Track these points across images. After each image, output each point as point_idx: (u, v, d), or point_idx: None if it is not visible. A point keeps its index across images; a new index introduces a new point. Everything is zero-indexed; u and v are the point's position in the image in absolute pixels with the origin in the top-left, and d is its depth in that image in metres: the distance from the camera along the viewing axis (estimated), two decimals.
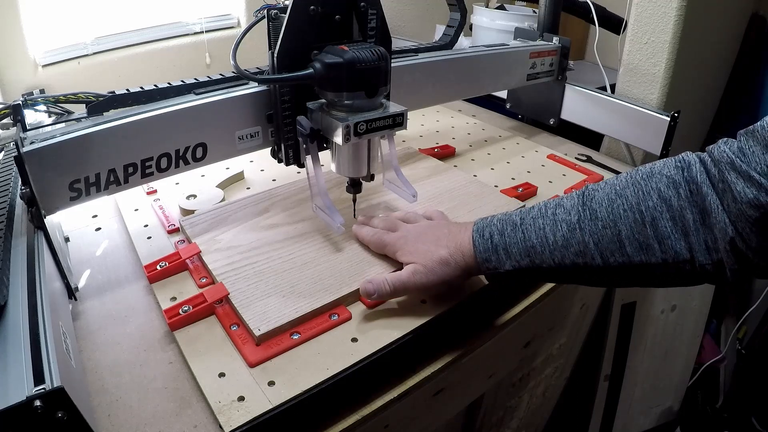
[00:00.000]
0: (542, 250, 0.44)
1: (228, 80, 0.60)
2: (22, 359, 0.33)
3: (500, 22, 1.24)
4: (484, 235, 0.47)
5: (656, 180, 0.41)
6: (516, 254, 0.45)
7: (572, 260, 0.43)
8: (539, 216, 0.45)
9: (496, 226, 0.47)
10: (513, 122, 1.09)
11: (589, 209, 0.42)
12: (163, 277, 0.55)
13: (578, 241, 0.42)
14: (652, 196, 0.40)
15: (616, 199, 0.42)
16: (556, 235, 0.43)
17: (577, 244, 0.42)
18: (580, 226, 0.42)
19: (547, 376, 0.91)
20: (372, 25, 0.58)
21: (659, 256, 0.40)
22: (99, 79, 1.07)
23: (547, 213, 0.45)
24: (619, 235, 0.41)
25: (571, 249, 0.43)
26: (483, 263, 0.47)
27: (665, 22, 0.90)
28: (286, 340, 0.47)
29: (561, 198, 0.46)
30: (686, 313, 1.16)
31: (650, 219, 0.40)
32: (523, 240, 0.45)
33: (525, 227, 0.45)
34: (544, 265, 0.44)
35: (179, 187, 0.74)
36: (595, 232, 0.42)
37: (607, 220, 0.41)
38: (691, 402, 1.35)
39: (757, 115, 1.31)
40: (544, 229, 0.44)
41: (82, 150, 0.50)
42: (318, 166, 0.57)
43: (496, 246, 0.46)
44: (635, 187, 0.41)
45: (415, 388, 0.49)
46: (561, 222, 0.43)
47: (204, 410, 0.42)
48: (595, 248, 0.41)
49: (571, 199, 0.45)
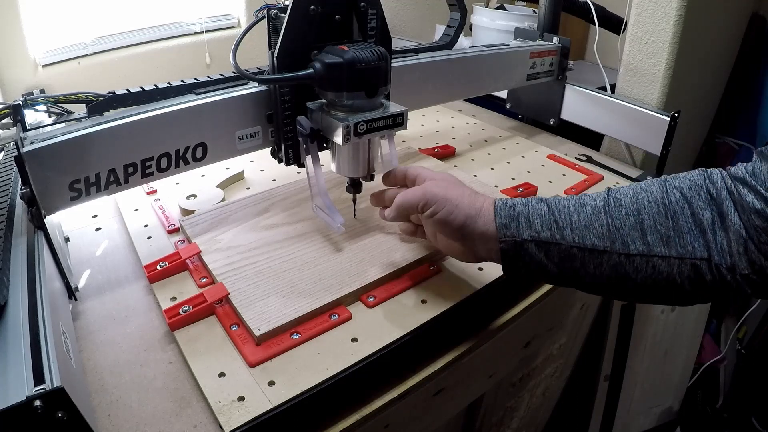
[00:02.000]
0: (564, 226, 0.44)
1: (228, 80, 0.60)
2: (22, 359, 0.33)
3: (500, 22, 1.24)
4: (507, 203, 0.47)
5: (680, 181, 0.43)
6: (537, 225, 0.45)
7: (593, 242, 0.43)
8: (564, 198, 0.47)
9: (519, 200, 0.48)
10: (513, 122, 1.09)
11: (614, 198, 0.44)
12: (163, 277, 0.55)
13: (601, 223, 0.43)
14: (674, 192, 0.42)
15: (640, 192, 0.44)
16: (580, 215, 0.44)
17: (600, 226, 0.43)
18: (605, 209, 0.44)
19: (547, 376, 0.91)
20: (372, 25, 0.58)
21: (678, 251, 0.41)
22: (99, 79, 1.07)
23: (573, 198, 0.46)
24: (642, 223, 0.42)
25: (594, 230, 0.43)
26: (501, 229, 0.46)
27: (665, 22, 0.90)
28: (286, 340, 0.47)
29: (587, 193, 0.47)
30: (686, 313, 1.16)
31: (672, 213, 0.41)
32: (548, 213, 0.45)
33: (550, 203, 0.46)
34: (564, 243, 0.44)
35: (179, 187, 0.74)
36: (618, 218, 0.43)
37: (631, 209, 0.43)
38: (691, 402, 1.35)
39: (757, 115, 1.31)
40: (568, 208, 0.45)
41: (82, 150, 0.50)
42: (318, 166, 0.57)
43: (518, 213, 0.46)
44: (660, 184, 0.44)
45: (415, 388, 0.49)
46: (586, 205, 0.45)
47: (204, 410, 0.42)
48: (617, 233, 0.42)
49: (597, 192, 0.46)
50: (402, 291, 0.55)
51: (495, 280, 0.57)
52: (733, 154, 1.37)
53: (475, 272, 0.58)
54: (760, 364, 1.35)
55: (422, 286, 0.56)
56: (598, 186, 0.81)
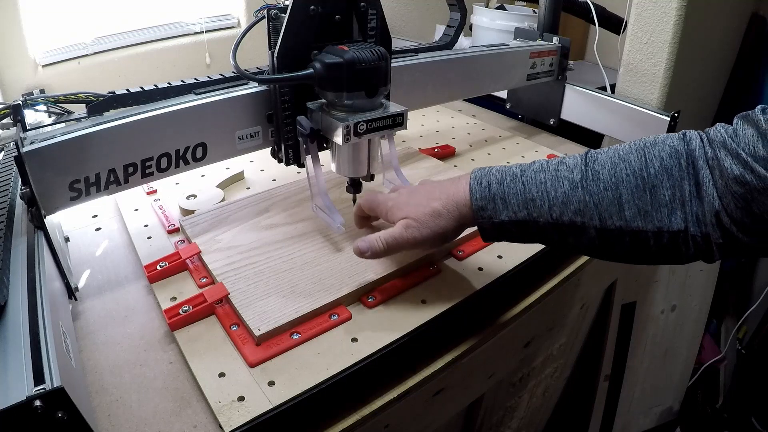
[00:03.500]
0: (542, 204, 0.44)
1: (228, 80, 0.60)
2: (22, 359, 0.33)
3: (500, 22, 1.24)
4: (482, 183, 0.47)
5: (659, 148, 0.42)
6: (514, 205, 0.45)
7: (570, 218, 0.43)
8: (540, 170, 0.45)
9: (494, 176, 0.47)
10: (513, 122, 1.09)
11: (592, 170, 0.43)
12: (163, 277, 0.55)
13: (579, 199, 0.42)
14: (654, 163, 0.41)
15: (619, 163, 0.42)
16: (557, 191, 0.43)
17: (578, 202, 0.42)
18: (582, 185, 0.43)
19: (547, 376, 0.91)
20: (372, 25, 0.58)
21: (656, 224, 0.40)
22: (99, 79, 1.07)
23: (549, 168, 0.45)
24: (620, 198, 0.41)
25: (571, 207, 0.43)
26: (478, 211, 0.46)
27: (665, 22, 0.90)
28: (286, 340, 0.47)
29: (563, 157, 0.46)
30: (686, 313, 1.16)
31: (650, 186, 0.40)
32: (523, 192, 0.44)
33: (525, 179, 0.45)
34: (541, 220, 0.44)
35: (179, 187, 0.74)
36: (596, 193, 0.42)
37: (609, 183, 0.42)
38: (691, 402, 1.35)
39: None
40: (545, 183, 0.44)
41: (82, 150, 0.50)
42: (318, 166, 0.57)
43: (494, 195, 0.46)
44: (639, 153, 0.42)
45: (415, 388, 0.49)
46: (563, 179, 0.43)
47: (204, 410, 0.42)
48: (594, 208, 0.42)
49: (574, 159, 0.45)
50: (402, 291, 0.55)
51: (495, 280, 0.57)
52: None
53: (475, 272, 0.58)
54: (760, 364, 1.35)
55: (422, 286, 0.56)
56: None
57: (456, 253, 0.61)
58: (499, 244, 0.64)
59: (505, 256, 0.61)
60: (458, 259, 0.60)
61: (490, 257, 0.61)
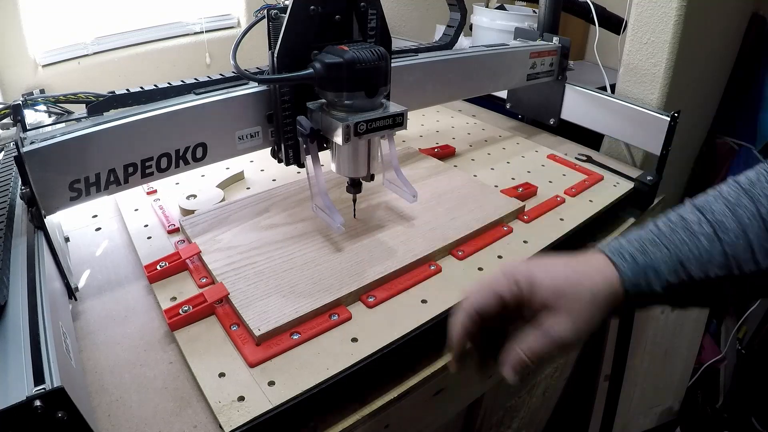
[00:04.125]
0: (689, 265, 0.42)
1: (228, 80, 0.60)
2: (22, 359, 0.33)
3: (500, 22, 1.24)
4: (625, 257, 0.43)
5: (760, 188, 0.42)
6: (665, 272, 0.42)
7: (716, 273, 0.42)
8: (670, 230, 0.44)
9: (632, 246, 0.44)
10: (513, 122, 1.09)
11: (717, 222, 0.43)
12: (163, 277, 0.55)
13: (719, 252, 0.42)
14: (763, 203, 0.42)
15: (736, 209, 0.42)
16: (699, 249, 0.42)
17: (719, 255, 0.42)
18: (717, 236, 0.42)
19: (547, 376, 0.91)
20: (372, 25, 0.58)
21: None
22: (99, 79, 1.07)
23: (677, 227, 0.44)
24: (750, 244, 0.41)
25: (715, 262, 0.42)
26: (632, 288, 0.43)
27: (665, 22, 0.90)
28: (286, 340, 0.47)
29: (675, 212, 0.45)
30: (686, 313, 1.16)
31: None
32: (669, 257, 0.43)
33: (666, 243, 0.43)
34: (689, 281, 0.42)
35: (179, 187, 0.74)
36: (731, 244, 0.42)
37: (738, 231, 0.42)
38: (691, 402, 1.35)
39: (757, 115, 1.31)
40: (686, 243, 0.43)
41: (82, 150, 0.50)
42: (318, 166, 0.57)
43: (644, 267, 0.43)
44: (748, 196, 0.43)
45: (415, 388, 0.49)
46: (697, 234, 0.43)
47: (204, 410, 0.42)
48: (733, 260, 0.42)
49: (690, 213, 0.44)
50: (402, 291, 0.55)
51: None
52: (733, 154, 1.37)
53: (476, 272, 0.58)
54: (760, 364, 1.35)
55: (422, 286, 0.56)
56: (598, 186, 0.81)
57: (456, 253, 0.61)
58: (497, 243, 0.64)
59: (505, 255, 0.61)
60: (458, 259, 0.60)
61: (491, 257, 0.61)
